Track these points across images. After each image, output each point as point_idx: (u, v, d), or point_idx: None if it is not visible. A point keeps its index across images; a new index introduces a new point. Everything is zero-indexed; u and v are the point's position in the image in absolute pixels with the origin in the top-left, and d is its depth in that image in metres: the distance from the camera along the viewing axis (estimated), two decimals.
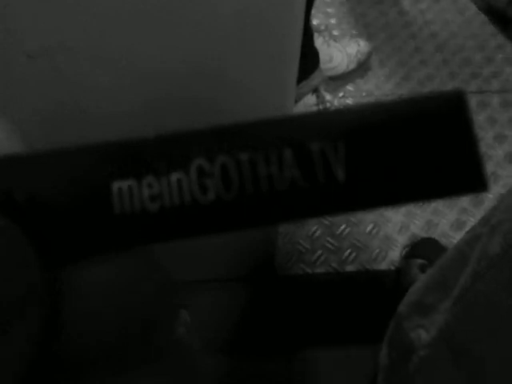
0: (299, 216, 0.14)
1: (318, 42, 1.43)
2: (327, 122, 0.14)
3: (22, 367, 0.12)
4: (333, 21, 1.68)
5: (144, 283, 0.14)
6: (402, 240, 1.22)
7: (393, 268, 1.18)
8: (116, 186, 0.13)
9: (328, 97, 1.40)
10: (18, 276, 0.11)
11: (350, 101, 1.47)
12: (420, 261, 1.10)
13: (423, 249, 1.15)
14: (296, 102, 1.36)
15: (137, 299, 0.13)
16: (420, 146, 0.14)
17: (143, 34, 0.59)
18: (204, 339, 0.16)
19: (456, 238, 1.20)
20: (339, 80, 1.50)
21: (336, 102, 1.42)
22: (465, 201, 1.26)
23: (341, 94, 1.47)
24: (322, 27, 1.56)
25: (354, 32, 1.67)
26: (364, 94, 1.51)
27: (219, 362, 1.02)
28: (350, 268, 1.19)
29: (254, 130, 0.14)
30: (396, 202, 0.14)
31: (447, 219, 1.25)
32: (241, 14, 0.59)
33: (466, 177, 0.14)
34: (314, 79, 1.34)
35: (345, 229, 1.23)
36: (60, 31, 0.56)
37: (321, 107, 1.39)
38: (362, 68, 1.53)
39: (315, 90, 1.37)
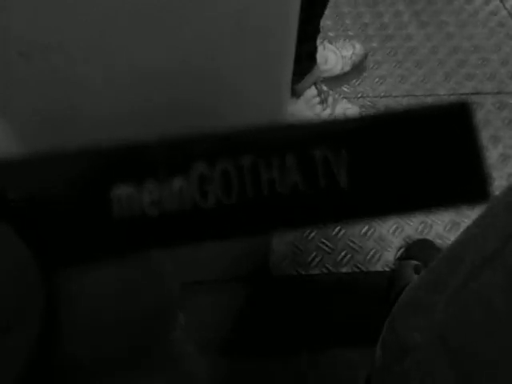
0: (301, 223, 0.14)
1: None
2: (330, 129, 0.14)
3: (21, 369, 0.12)
4: (328, 22, 1.68)
5: (143, 287, 0.13)
6: (396, 241, 1.22)
7: (387, 269, 1.18)
8: (116, 189, 0.13)
9: (325, 88, 1.41)
10: (16, 278, 0.11)
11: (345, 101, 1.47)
12: (414, 262, 1.10)
13: (418, 250, 1.15)
14: (298, 97, 1.36)
15: (136, 303, 0.13)
16: (423, 155, 0.13)
17: (141, 34, 0.59)
18: (199, 340, 0.16)
19: (451, 239, 1.20)
20: (334, 81, 1.50)
21: (336, 95, 1.43)
22: None
23: (336, 95, 1.47)
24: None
25: (349, 34, 1.67)
26: (359, 95, 1.51)
27: (214, 362, 1.02)
28: (344, 269, 1.19)
29: (256, 136, 0.14)
30: (397, 211, 0.14)
31: (442, 220, 1.25)
32: (237, 16, 0.59)
33: (470, 188, 0.13)
34: (314, 75, 1.34)
35: (339, 230, 1.23)
36: (58, 31, 0.56)
37: (322, 97, 1.39)
38: (357, 70, 1.53)
39: (315, 83, 1.37)
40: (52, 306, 0.12)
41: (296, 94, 1.36)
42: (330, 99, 1.40)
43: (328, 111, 1.40)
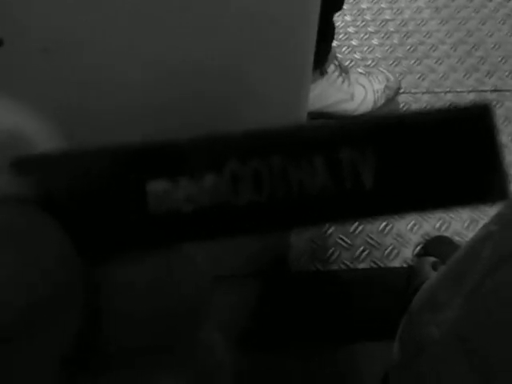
0: (326, 221, 0.14)
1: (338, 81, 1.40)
2: (357, 129, 0.14)
3: (60, 363, 0.12)
4: (348, 18, 1.67)
5: (179, 283, 0.14)
6: (414, 238, 1.22)
7: (405, 266, 1.18)
8: (152, 185, 0.14)
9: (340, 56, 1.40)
10: (60, 273, 0.12)
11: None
12: (432, 259, 1.10)
13: (436, 247, 1.15)
14: (322, 74, 1.36)
15: (171, 299, 0.13)
16: (446, 155, 0.14)
17: (157, 32, 0.59)
18: (222, 335, 0.16)
19: (469, 236, 1.20)
20: None
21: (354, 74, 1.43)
22: None
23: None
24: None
25: (369, 30, 1.66)
26: None
27: (232, 357, 1.02)
28: (362, 265, 1.19)
29: (286, 136, 0.14)
30: (421, 209, 0.14)
31: (460, 217, 1.25)
32: (256, 16, 0.59)
33: (490, 187, 0.14)
34: (333, 51, 1.33)
35: (358, 226, 1.23)
36: (72, 28, 0.57)
37: (344, 75, 1.39)
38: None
39: (334, 58, 1.36)
40: (91, 298, 0.13)
41: (321, 73, 1.35)
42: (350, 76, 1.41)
43: (346, 83, 1.39)
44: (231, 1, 0.58)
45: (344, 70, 1.39)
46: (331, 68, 1.36)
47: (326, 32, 1.24)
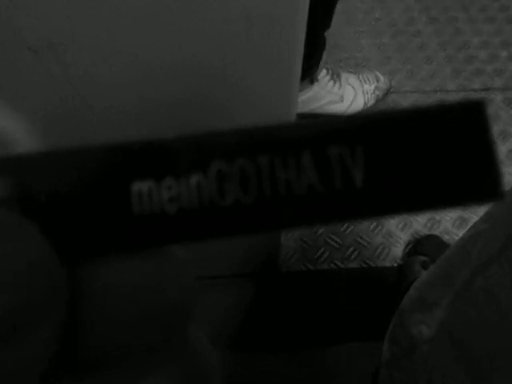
0: (315, 222, 0.14)
1: (329, 84, 1.40)
2: (346, 127, 0.14)
3: (46, 364, 0.12)
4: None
5: (165, 284, 0.14)
6: (404, 237, 1.22)
7: (395, 265, 1.18)
8: (135, 186, 0.13)
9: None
10: (40, 274, 0.11)
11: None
12: (422, 258, 1.10)
13: (426, 246, 1.15)
14: (313, 82, 1.36)
15: (159, 301, 0.13)
16: (438, 153, 0.13)
17: (151, 32, 0.59)
18: (208, 336, 0.16)
19: (458, 234, 1.20)
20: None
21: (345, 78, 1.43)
22: None
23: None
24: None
25: (360, 29, 1.66)
26: None
27: (223, 358, 1.02)
28: (352, 265, 1.19)
29: (273, 134, 0.14)
30: (413, 209, 0.14)
31: (450, 216, 1.25)
32: (248, 16, 0.59)
33: (484, 187, 0.14)
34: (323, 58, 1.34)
35: (348, 226, 1.24)
36: (65, 26, 0.57)
37: (335, 78, 1.39)
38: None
39: (326, 63, 1.36)
40: (76, 300, 0.12)
41: (311, 82, 1.35)
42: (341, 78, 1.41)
43: (337, 86, 1.39)
44: (219, 3, 0.57)
45: (336, 74, 1.40)
46: (323, 73, 1.36)
47: (317, 47, 1.24)
